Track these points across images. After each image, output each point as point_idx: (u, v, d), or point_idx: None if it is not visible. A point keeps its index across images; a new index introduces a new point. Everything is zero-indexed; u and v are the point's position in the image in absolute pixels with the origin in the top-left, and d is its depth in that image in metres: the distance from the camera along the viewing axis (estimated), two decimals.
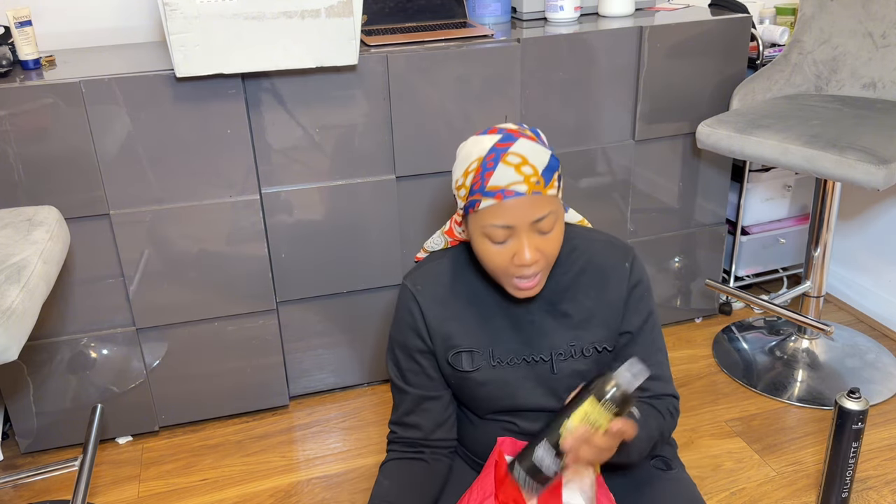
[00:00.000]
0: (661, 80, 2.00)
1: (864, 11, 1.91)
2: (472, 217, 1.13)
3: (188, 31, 1.55)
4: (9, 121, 1.60)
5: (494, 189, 1.08)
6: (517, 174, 1.08)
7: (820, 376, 2.05)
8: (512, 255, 1.11)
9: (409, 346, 1.25)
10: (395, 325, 1.27)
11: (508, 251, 1.11)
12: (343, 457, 1.86)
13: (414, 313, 1.24)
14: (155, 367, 1.89)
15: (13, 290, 1.12)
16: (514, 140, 1.10)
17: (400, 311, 1.26)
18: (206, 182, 1.75)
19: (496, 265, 1.13)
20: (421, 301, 1.23)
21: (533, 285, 1.13)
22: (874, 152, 1.59)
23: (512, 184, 1.07)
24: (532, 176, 1.08)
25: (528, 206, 1.08)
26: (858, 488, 1.69)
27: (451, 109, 1.85)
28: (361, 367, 2.08)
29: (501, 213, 1.08)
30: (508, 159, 1.08)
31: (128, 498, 1.76)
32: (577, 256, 1.24)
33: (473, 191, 1.10)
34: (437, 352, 1.25)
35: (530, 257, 1.09)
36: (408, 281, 1.26)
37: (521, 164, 1.08)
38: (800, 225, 2.42)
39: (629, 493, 1.22)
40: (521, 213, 1.08)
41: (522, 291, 1.14)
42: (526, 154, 1.09)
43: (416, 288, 1.24)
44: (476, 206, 1.10)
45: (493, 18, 2.08)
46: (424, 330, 1.24)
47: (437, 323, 1.23)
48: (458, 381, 1.25)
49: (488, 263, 1.14)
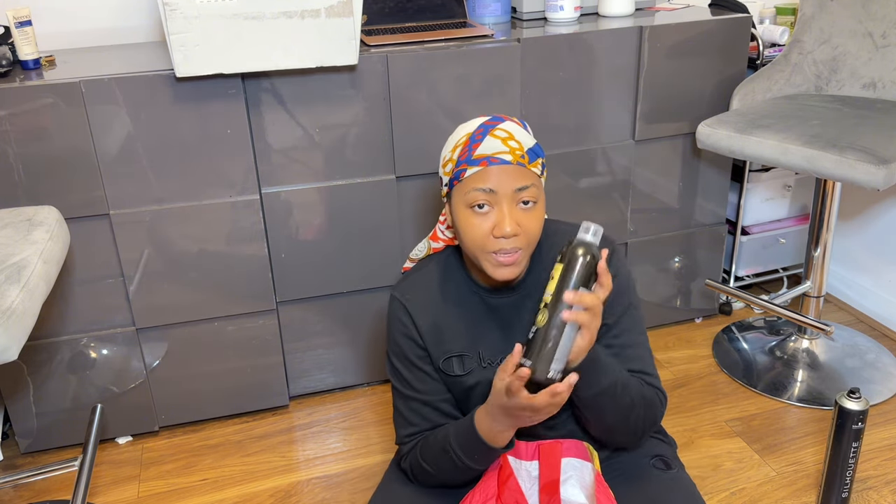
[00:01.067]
0: (661, 80, 2.00)
1: (864, 11, 1.91)
2: (456, 189, 1.16)
3: (188, 31, 1.55)
4: (9, 121, 1.60)
5: (481, 157, 1.12)
6: (503, 145, 1.12)
7: (820, 376, 2.05)
8: (492, 227, 1.12)
9: (408, 355, 1.26)
10: (391, 337, 1.28)
11: (489, 223, 1.12)
12: (343, 457, 1.86)
13: (406, 323, 1.25)
14: (155, 367, 1.89)
15: (13, 290, 1.12)
16: (502, 121, 1.16)
17: (392, 322, 1.27)
18: (206, 182, 1.75)
19: (476, 238, 1.13)
20: (411, 310, 1.25)
21: (513, 261, 1.13)
22: (874, 152, 1.59)
23: (498, 153, 1.12)
24: (517, 150, 1.13)
25: (512, 173, 1.12)
26: (858, 488, 1.69)
27: (451, 109, 1.85)
28: (361, 367, 2.08)
29: (486, 177, 1.12)
30: (496, 133, 1.14)
31: (128, 498, 1.76)
32: (558, 251, 1.24)
33: (460, 161, 1.14)
34: (431, 357, 1.25)
35: (510, 228, 1.11)
36: (396, 293, 1.27)
37: (507, 138, 1.13)
38: (800, 225, 2.42)
39: (629, 493, 1.22)
40: (505, 180, 1.11)
41: (502, 269, 1.14)
42: (513, 132, 1.14)
43: (406, 297, 1.26)
44: (461, 176, 1.13)
45: (493, 18, 2.08)
46: (419, 336, 1.25)
47: (427, 330, 1.24)
48: (451, 386, 1.26)
49: (468, 238, 1.14)
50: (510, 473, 1.18)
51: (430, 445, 1.21)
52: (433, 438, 1.21)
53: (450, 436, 1.17)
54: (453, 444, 1.16)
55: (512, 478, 1.17)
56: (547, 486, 1.16)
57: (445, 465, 1.18)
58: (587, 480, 1.18)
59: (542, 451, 1.21)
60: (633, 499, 1.21)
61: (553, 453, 1.21)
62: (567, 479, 1.18)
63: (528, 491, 1.16)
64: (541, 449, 1.22)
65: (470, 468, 1.17)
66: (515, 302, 1.24)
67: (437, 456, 1.19)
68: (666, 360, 2.19)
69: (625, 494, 1.22)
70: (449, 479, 1.21)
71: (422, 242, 1.36)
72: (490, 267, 1.15)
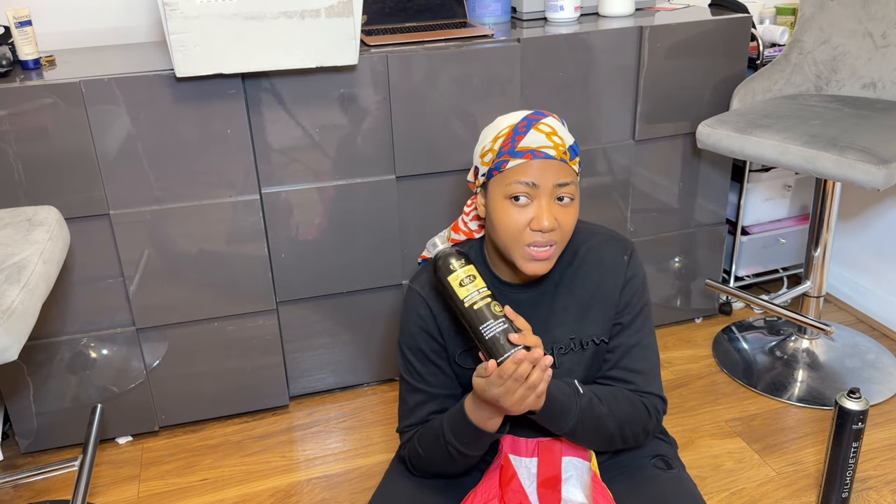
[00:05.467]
0: (661, 80, 2.00)
1: (864, 11, 1.91)
2: (495, 180, 1.16)
3: (188, 31, 1.55)
4: (9, 121, 1.60)
5: (525, 149, 1.13)
6: (548, 140, 1.13)
7: (820, 376, 2.05)
8: (529, 220, 1.13)
9: (423, 349, 1.25)
10: (405, 330, 1.27)
11: (527, 216, 1.13)
12: (343, 457, 1.86)
13: (424, 316, 1.24)
14: (155, 367, 1.89)
15: (13, 290, 1.12)
16: (545, 115, 1.16)
17: (409, 315, 1.26)
18: (206, 182, 1.75)
19: (512, 230, 1.14)
20: (431, 303, 1.24)
21: (546, 255, 1.14)
22: (874, 152, 1.59)
23: (543, 146, 1.12)
24: (561, 146, 1.13)
25: (555, 169, 1.12)
26: (858, 488, 1.69)
27: (452, 109, 1.85)
28: (361, 367, 2.08)
29: (529, 170, 1.12)
30: (541, 127, 1.14)
31: (128, 498, 1.76)
32: (577, 249, 1.25)
33: (502, 152, 1.14)
34: (447, 351, 1.25)
35: (548, 223, 1.11)
36: (415, 284, 1.27)
37: (551, 133, 1.14)
38: (800, 225, 2.42)
39: (629, 493, 1.22)
40: (548, 174, 1.12)
41: (534, 263, 1.15)
42: (556, 128, 1.15)
43: (426, 291, 1.25)
44: (503, 167, 1.14)
45: (493, 18, 2.08)
46: (437, 331, 1.24)
47: (447, 324, 1.24)
48: (466, 380, 1.27)
49: (503, 230, 1.15)
50: (513, 474, 1.18)
51: (427, 431, 1.22)
52: (430, 425, 1.22)
53: (444, 421, 1.18)
54: (446, 429, 1.17)
55: (515, 479, 1.17)
56: (546, 482, 1.16)
57: (439, 450, 1.19)
58: (586, 480, 1.18)
59: (542, 448, 1.21)
60: (634, 499, 1.21)
61: (553, 450, 1.21)
62: (568, 477, 1.18)
63: (527, 489, 1.16)
64: (540, 445, 1.22)
65: (462, 454, 1.17)
66: (535, 297, 1.24)
67: (431, 442, 1.20)
68: (666, 360, 2.19)
69: (625, 494, 1.22)
70: (443, 465, 1.22)
71: (442, 233, 1.36)
72: (521, 260, 1.15)
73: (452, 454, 1.18)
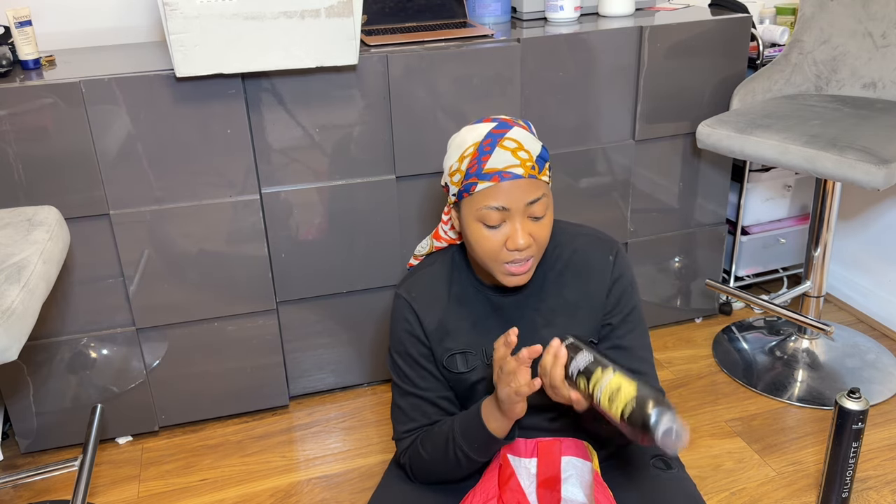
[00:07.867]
0: (661, 80, 2.00)
1: (864, 11, 1.91)
2: (465, 202, 1.15)
3: (188, 31, 1.55)
4: (9, 121, 1.60)
5: (492, 171, 1.11)
6: (514, 157, 1.11)
7: (820, 376, 2.05)
8: (505, 240, 1.13)
9: (411, 352, 1.26)
10: (394, 335, 1.28)
11: (501, 236, 1.13)
12: (343, 457, 1.86)
13: (411, 321, 1.25)
14: (155, 367, 1.89)
15: (13, 290, 1.12)
16: (509, 128, 1.14)
17: (397, 321, 1.27)
18: (206, 182, 1.75)
19: (488, 251, 1.14)
20: (417, 308, 1.25)
21: (524, 270, 1.15)
22: (874, 152, 1.59)
23: (509, 166, 1.11)
24: (528, 161, 1.12)
25: (524, 188, 1.11)
26: (858, 488, 1.69)
27: (451, 109, 1.85)
28: (361, 367, 2.08)
29: (498, 194, 1.11)
30: (505, 143, 1.12)
31: (128, 498, 1.76)
32: (562, 251, 1.25)
33: (469, 174, 1.13)
34: (435, 355, 1.26)
35: (524, 242, 1.11)
36: (402, 290, 1.27)
37: (517, 148, 1.12)
38: (800, 225, 2.42)
39: (629, 493, 1.22)
40: (517, 195, 1.11)
41: (514, 278, 1.16)
42: (521, 140, 1.13)
43: (412, 296, 1.26)
44: (472, 190, 1.12)
45: (493, 18, 2.08)
46: (423, 335, 1.25)
47: (432, 328, 1.25)
48: (454, 383, 1.27)
49: (480, 250, 1.15)
50: (511, 474, 1.18)
51: (433, 435, 1.22)
52: (437, 429, 1.22)
53: (455, 425, 1.18)
54: (457, 432, 1.17)
55: (513, 478, 1.17)
56: (546, 482, 1.16)
57: (446, 455, 1.19)
58: (587, 479, 1.18)
59: (541, 448, 1.21)
60: (634, 499, 1.21)
61: (552, 451, 1.21)
62: (568, 477, 1.18)
63: (527, 489, 1.16)
64: (539, 446, 1.22)
65: (470, 459, 1.17)
66: (519, 301, 1.24)
67: (439, 446, 1.20)
68: (666, 360, 2.18)
69: (625, 494, 1.22)
70: (447, 470, 1.21)
71: (425, 240, 1.36)
72: (501, 276, 1.16)
73: (460, 459, 1.18)
